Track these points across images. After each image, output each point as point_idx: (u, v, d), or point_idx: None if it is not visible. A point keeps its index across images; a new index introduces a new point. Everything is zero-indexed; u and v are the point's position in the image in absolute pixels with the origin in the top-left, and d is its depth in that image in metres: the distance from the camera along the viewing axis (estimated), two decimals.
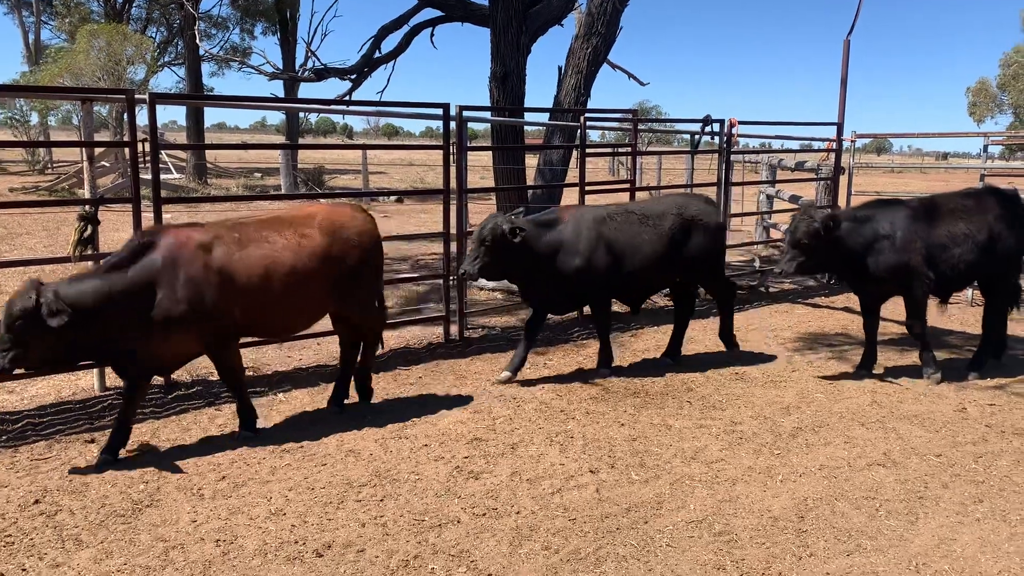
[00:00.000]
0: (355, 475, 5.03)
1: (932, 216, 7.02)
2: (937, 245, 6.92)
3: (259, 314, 5.55)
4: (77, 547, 4.14)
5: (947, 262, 6.94)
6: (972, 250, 6.97)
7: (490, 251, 6.64)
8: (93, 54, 24.76)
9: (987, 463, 5.39)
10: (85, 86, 22.05)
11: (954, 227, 7.00)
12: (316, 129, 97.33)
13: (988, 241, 7.01)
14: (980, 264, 7.07)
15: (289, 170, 23.99)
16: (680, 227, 7.24)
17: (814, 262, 7.00)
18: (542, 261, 6.88)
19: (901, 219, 6.95)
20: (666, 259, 7.19)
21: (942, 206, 7.15)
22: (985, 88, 44.89)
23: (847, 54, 11.87)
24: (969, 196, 7.39)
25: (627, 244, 7.07)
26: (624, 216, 7.19)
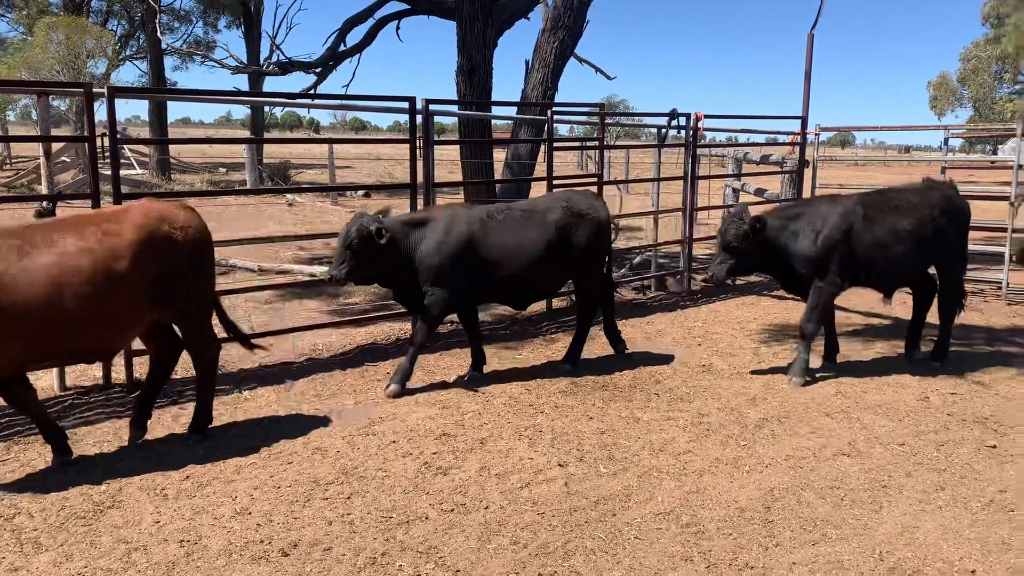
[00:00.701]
0: (322, 473, 4.98)
1: (868, 212, 6.96)
2: (871, 243, 6.88)
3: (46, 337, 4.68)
4: (36, 550, 4.05)
5: (884, 259, 6.91)
6: (910, 246, 6.94)
7: (357, 254, 6.25)
8: (52, 47, 24.28)
9: (949, 451, 5.47)
10: (42, 80, 21.61)
11: (891, 223, 6.94)
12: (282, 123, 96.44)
13: (927, 237, 6.97)
14: (919, 260, 7.08)
15: (254, 165, 23.75)
16: (566, 224, 6.93)
17: (745, 264, 6.99)
18: (411, 263, 6.52)
19: (831, 216, 6.89)
20: (551, 258, 6.85)
21: (878, 203, 7.11)
22: (946, 82, 45.62)
23: (811, 48, 11.98)
24: (907, 191, 7.37)
25: (505, 244, 6.70)
26: (505, 215, 6.84)
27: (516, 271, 6.74)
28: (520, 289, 6.98)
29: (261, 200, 20.69)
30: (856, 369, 7.31)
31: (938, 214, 7.05)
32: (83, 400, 6.18)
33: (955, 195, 7.32)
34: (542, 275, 6.94)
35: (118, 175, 6.56)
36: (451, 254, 6.50)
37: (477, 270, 6.64)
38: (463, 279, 6.60)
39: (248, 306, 9.23)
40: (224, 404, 6.19)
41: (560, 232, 6.87)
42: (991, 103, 42.72)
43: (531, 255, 6.75)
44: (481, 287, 6.78)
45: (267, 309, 9.38)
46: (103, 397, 6.26)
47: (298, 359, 7.44)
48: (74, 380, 6.50)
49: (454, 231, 6.55)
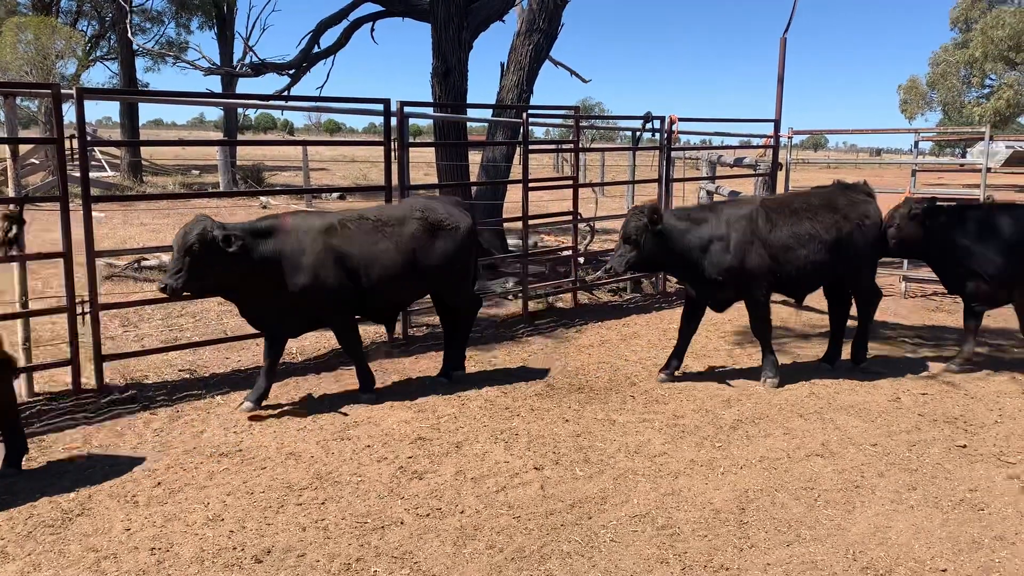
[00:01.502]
0: (295, 478, 4.93)
1: (775, 216, 6.85)
2: (779, 246, 6.76)
3: None
4: (3, 560, 3.97)
5: (792, 263, 6.80)
6: (819, 250, 6.84)
7: (198, 262, 5.61)
8: (20, 47, 23.91)
9: (920, 451, 5.53)
10: (10, 80, 21.28)
11: (799, 227, 6.84)
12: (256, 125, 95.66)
13: (830, 240, 6.87)
14: (824, 264, 6.92)
15: (227, 167, 23.53)
16: (424, 233, 6.48)
17: (645, 259, 6.74)
18: (258, 275, 5.93)
19: (739, 219, 6.77)
20: (410, 269, 6.41)
21: (787, 205, 7.02)
22: (915, 86, 46.15)
23: (783, 52, 12.08)
24: (811, 195, 7.31)
25: (362, 255, 6.25)
26: (357, 223, 6.33)
27: (374, 283, 6.30)
28: (382, 303, 6.53)
29: (234, 203, 20.51)
30: (829, 370, 7.37)
31: (842, 218, 6.96)
32: (51, 406, 6.07)
33: (863, 198, 7.21)
34: (397, 287, 6.49)
35: (87, 177, 6.47)
36: (316, 269, 6.05)
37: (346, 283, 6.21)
38: (341, 293, 6.20)
39: (220, 309, 9.13)
40: (196, 409, 6.12)
41: (415, 242, 6.44)
42: (960, 107, 43.30)
43: (385, 266, 6.30)
44: (352, 300, 6.34)
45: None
46: (72, 403, 6.15)
47: None
48: (42, 386, 6.39)
49: (305, 240, 6.07)
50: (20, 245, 5.96)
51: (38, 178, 21.35)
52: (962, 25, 44.08)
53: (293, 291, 6.01)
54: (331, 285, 6.12)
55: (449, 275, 6.72)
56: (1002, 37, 38.17)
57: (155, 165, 31.11)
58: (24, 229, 5.99)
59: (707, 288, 6.87)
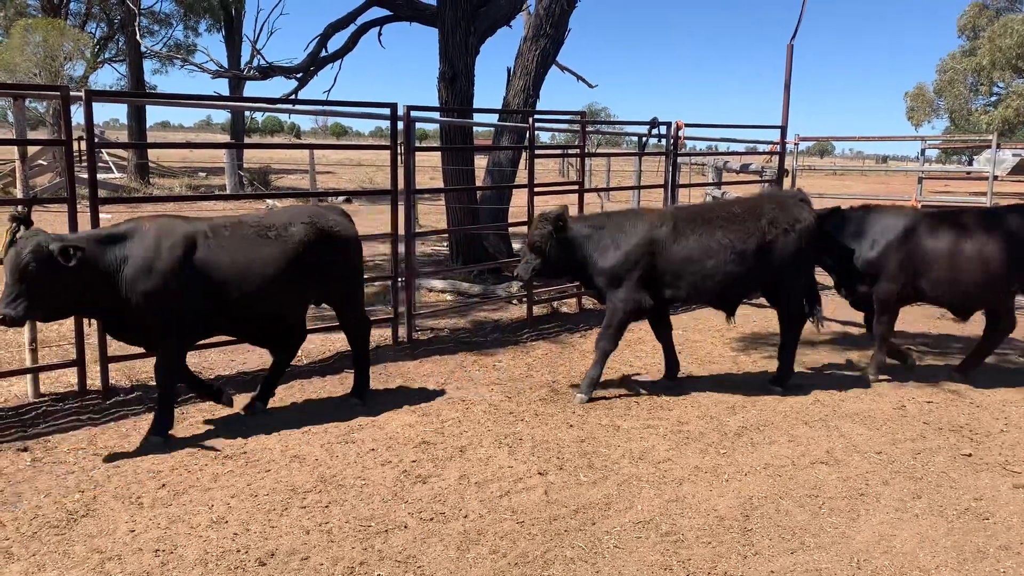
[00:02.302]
0: (300, 481, 4.94)
1: (679, 225, 6.59)
2: (682, 257, 6.52)
3: None
4: (7, 560, 3.98)
5: (695, 274, 6.53)
6: (731, 261, 6.52)
7: (35, 283, 4.93)
8: (28, 49, 24.02)
9: (925, 459, 5.52)
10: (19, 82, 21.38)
11: (705, 237, 6.55)
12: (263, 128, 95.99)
13: (750, 251, 6.54)
14: (744, 276, 6.61)
15: (234, 170, 23.61)
16: (313, 239, 5.95)
17: (551, 267, 6.68)
18: (108, 288, 5.27)
19: (638, 227, 6.58)
20: (295, 279, 5.85)
21: (699, 215, 6.74)
22: (922, 93, 46.14)
23: (790, 59, 12.08)
24: (733, 203, 7.09)
25: (234, 264, 5.59)
26: (233, 229, 5.73)
27: (250, 295, 5.66)
28: (259, 317, 5.92)
29: (241, 205, 20.55)
30: (833, 378, 7.36)
31: (766, 225, 6.59)
32: (57, 407, 6.09)
33: (795, 206, 6.78)
34: (279, 299, 5.90)
35: (95, 179, 6.49)
36: (168, 274, 5.35)
37: (200, 295, 5.51)
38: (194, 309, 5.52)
39: None
40: (201, 411, 6.13)
41: (303, 249, 5.89)
42: (967, 114, 43.28)
43: (265, 276, 5.68)
44: (206, 316, 5.64)
45: None
46: (78, 404, 6.17)
47: None
48: (48, 387, 6.41)
49: (165, 247, 5.41)
50: None
51: (46, 179, 21.43)
52: (970, 33, 44.06)
53: (133, 304, 5.29)
54: (174, 302, 5.39)
55: (339, 287, 6.31)
56: (1010, 45, 38.16)
57: (162, 167, 31.22)
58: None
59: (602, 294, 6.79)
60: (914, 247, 7.01)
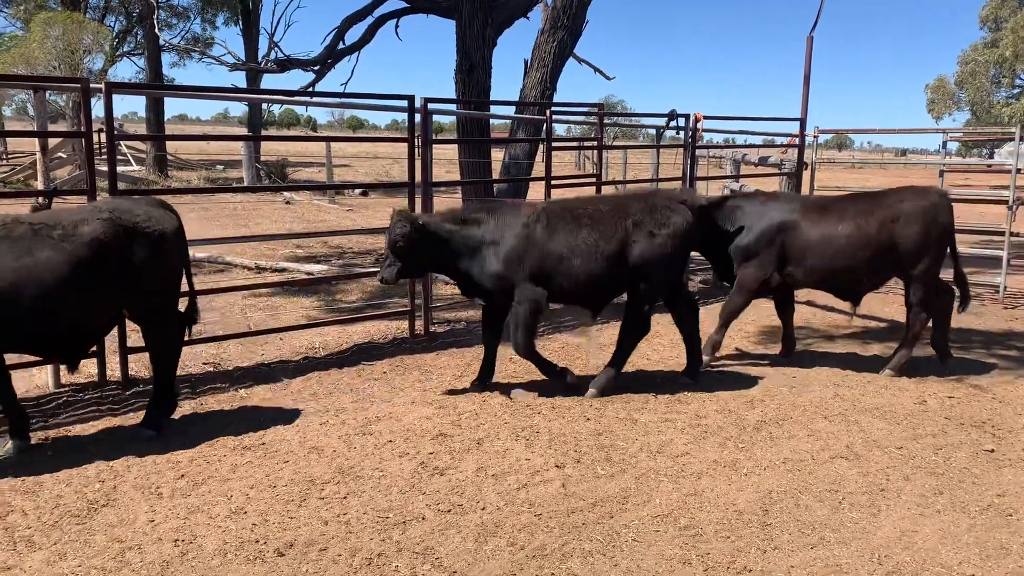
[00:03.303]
0: (318, 472, 4.95)
1: (554, 221, 6.30)
2: (554, 255, 6.23)
3: None
4: (29, 549, 4.02)
5: (567, 274, 6.25)
6: (591, 260, 6.23)
7: None
8: (48, 43, 24.18)
9: (947, 455, 5.46)
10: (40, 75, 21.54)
11: (571, 235, 6.26)
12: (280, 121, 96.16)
13: (613, 251, 6.26)
14: (607, 277, 6.33)
15: (252, 162, 23.70)
16: (112, 238, 5.15)
17: (414, 266, 6.37)
18: None
19: (512, 225, 6.28)
20: (87, 285, 5.05)
21: (569, 211, 6.42)
22: (943, 85, 45.68)
23: (810, 51, 11.96)
24: (603, 199, 6.84)
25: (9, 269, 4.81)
26: (9, 229, 4.94)
27: (26, 307, 4.87)
28: (43, 332, 5.09)
29: (258, 198, 20.65)
30: (854, 372, 7.29)
31: (631, 226, 6.29)
32: (78, 397, 6.14)
33: (665, 208, 6.45)
34: (66, 311, 5.04)
35: (115, 171, 6.52)
36: None
37: None
38: None
39: (245, 303, 9.19)
40: (220, 402, 6.16)
41: (97, 251, 5.09)
42: (988, 107, 42.80)
43: (45, 284, 4.89)
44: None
45: (264, 306, 9.34)
46: (98, 394, 6.22)
47: (295, 357, 7.41)
48: (69, 378, 6.46)
49: None
50: None
51: (65, 172, 21.59)
52: (992, 24, 43.52)
53: None
54: None
55: (144, 293, 5.43)
56: None
57: (180, 160, 31.38)
58: None
59: (482, 297, 6.55)
60: (790, 235, 7.03)
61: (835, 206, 7.20)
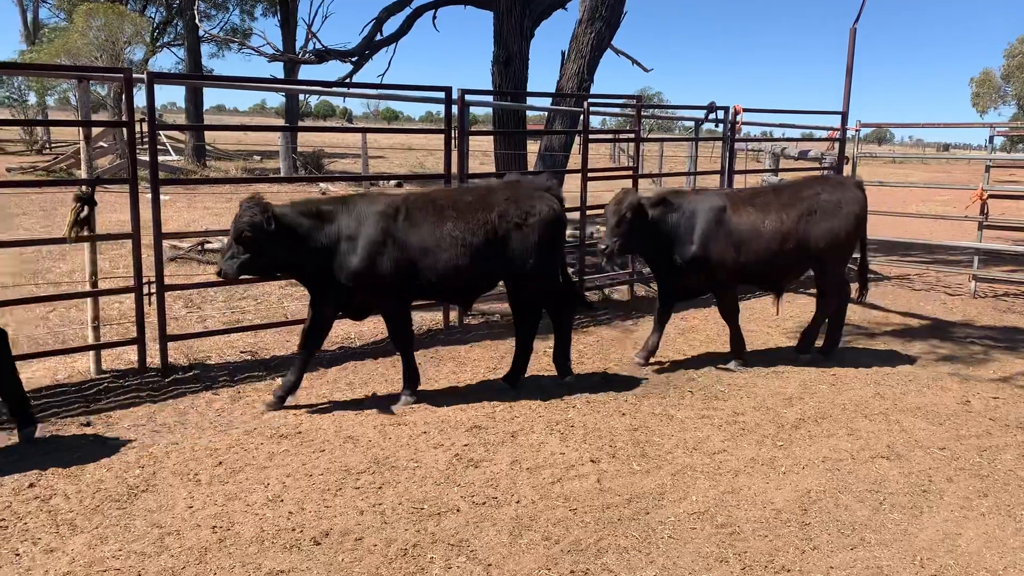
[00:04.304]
0: (353, 462, 4.97)
1: (415, 214, 5.91)
2: (418, 248, 5.85)
3: None
4: (71, 532, 4.08)
5: (432, 269, 5.88)
6: (464, 255, 5.89)
7: None
8: (91, 33, 24.56)
9: (991, 457, 5.34)
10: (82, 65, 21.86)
11: (435, 226, 5.89)
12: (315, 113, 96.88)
13: (482, 243, 5.93)
14: (478, 271, 6.02)
15: (288, 153, 23.87)
16: None
17: (261, 262, 5.71)
18: None
19: (370, 217, 5.83)
20: None
21: (432, 202, 6.02)
22: (989, 79, 44.73)
23: (853, 43, 11.75)
24: (472, 189, 6.42)
25: None
26: None
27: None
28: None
29: (295, 188, 20.80)
30: (895, 371, 7.16)
31: (497, 217, 5.97)
32: (118, 383, 6.22)
33: (531, 197, 6.14)
34: None
35: (156, 160, 6.59)
36: None
37: None
38: None
39: (281, 292, 9.26)
40: (257, 390, 6.21)
41: None
42: None
43: None
44: None
45: (300, 296, 9.39)
46: (138, 381, 6.30)
47: (331, 347, 7.44)
48: (110, 364, 6.55)
49: None
50: (91, 226, 6.10)
51: (106, 161, 21.92)
52: None
53: None
54: None
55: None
56: None
57: (218, 150, 31.73)
58: (95, 211, 6.13)
59: (339, 295, 5.95)
60: (726, 232, 6.83)
61: (759, 199, 7.04)
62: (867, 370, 7.15)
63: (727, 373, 6.94)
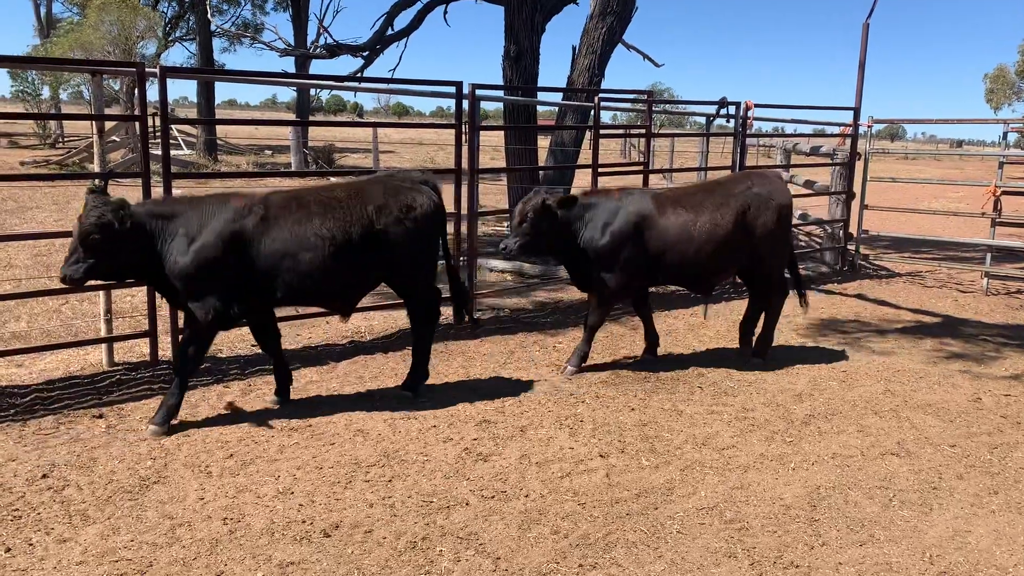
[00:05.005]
0: (363, 455, 5.00)
1: (270, 214, 5.44)
2: (274, 251, 5.36)
3: None
4: (84, 523, 4.12)
5: (292, 271, 5.39)
6: (335, 255, 5.45)
7: None
8: (103, 28, 24.67)
9: (1002, 454, 5.32)
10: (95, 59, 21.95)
11: (300, 226, 5.43)
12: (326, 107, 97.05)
13: (355, 243, 5.51)
14: (353, 272, 5.63)
15: (299, 147, 23.91)
16: None
17: (109, 267, 5.20)
18: None
19: (217, 217, 5.33)
20: None
21: (295, 199, 5.57)
22: (1003, 75, 44.40)
23: (866, 38, 11.69)
24: (342, 186, 5.96)
25: None
26: None
27: None
28: None
29: (305, 183, 20.83)
30: (906, 368, 7.14)
31: (372, 214, 5.58)
32: (130, 376, 6.27)
33: (409, 190, 5.79)
34: None
35: (168, 154, 6.62)
36: None
37: None
38: None
39: None
40: (268, 383, 6.23)
41: None
42: None
43: None
44: None
45: None
46: (150, 374, 6.34)
47: (341, 341, 7.48)
48: (122, 357, 6.60)
49: None
50: None
51: (118, 155, 22.02)
52: None
53: None
54: None
55: None
56: None
57: (229, 144, 31.82)
58: None
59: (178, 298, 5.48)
60: (648, 232, 6.57)
61: (689, 199, 6.80)
62: (877, 367, 7.13)
63: (737, 369, 6.93)
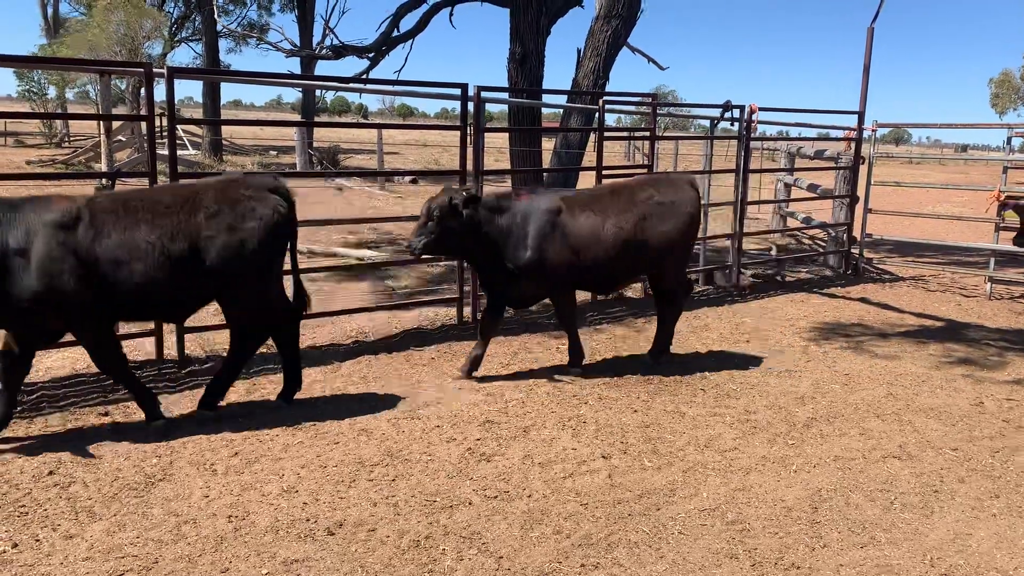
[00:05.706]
0: (367, 454, 5.03)
1: (105, 216, 5.00)
2: (111, 260, 4.93)
3: None
4: (90, 519, 4.15)
5: (125, 283, 4.97)
6: (163, 265, 5.02)
7: None
8: (110, 28, 24.77)
9: (1004, 458, 5.33)
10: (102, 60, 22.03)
11: (130, 231, 4.99)
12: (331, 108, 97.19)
13: (184, 249, 5.09)
14: (186, 283, 5.16)
15: (304, 148, 23.98)
16: None
17: None
18: None
19: (42, 227, 4.86)
20: None
21: (122, 204, 5.11)
22: (1008, 79, 44.39)
23: (870, 42, 11.70)
24: (172, 189, 5.53)
25: None
26: None
27: None
28: None
29: (310, 183, 20.91)
30: (908, 371, 7.15)
31: (205, 219, 5.15)
32: (136, 374, 6.29)
33: (250, 197, 5.34)
34: None
35: (175, 154, 6.66)
36: None
37: None
38: None
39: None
40: (272, 383, 6.27)
41: None
42: None
43: None
44: None
45: (314, 290, 9.46)
46: (155, 372, 6.38)
47: (345, 341, 7.51)
48: (128, 355, 6.61)
49: None
50: None
51: (125, 155, 22.11)
52: None
53: None
54: None
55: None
56: None
57: (235, 144, 31.92)
58: None
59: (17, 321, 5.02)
60: (562, 235, 6.47)
61: (596, 203, 6.72)
62: (880, 370, 7.14)
63: (740, 372, 6.96)
